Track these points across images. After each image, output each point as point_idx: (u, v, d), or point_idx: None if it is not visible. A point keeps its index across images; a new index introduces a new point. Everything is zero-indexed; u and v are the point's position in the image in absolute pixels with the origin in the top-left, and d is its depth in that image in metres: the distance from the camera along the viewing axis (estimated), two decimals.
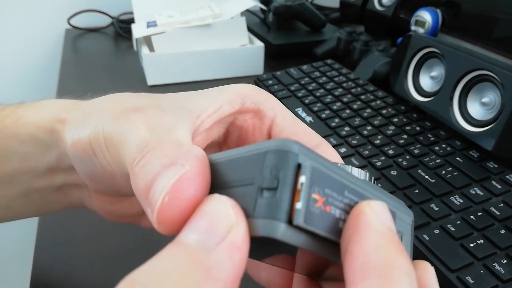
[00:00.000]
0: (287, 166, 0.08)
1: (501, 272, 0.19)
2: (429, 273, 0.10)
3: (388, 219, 0.09)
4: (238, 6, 0.43)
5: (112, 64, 0.48)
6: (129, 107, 0.12)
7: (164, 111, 0.12)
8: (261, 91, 0.14)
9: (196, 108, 0.12)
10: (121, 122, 0.12)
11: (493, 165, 0.26)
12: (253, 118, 0.14)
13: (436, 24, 0.37)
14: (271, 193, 0.08)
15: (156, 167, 0.10)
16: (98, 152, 0.12)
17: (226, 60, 0.43)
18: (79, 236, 0.23)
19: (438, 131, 0.30)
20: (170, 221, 0.09)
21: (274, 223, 0.08)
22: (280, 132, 0.13)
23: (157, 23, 0.42)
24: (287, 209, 0.08)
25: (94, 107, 0.13)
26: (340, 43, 0.46)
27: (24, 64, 0.61)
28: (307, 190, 0.08)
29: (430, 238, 0.22)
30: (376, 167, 0.27)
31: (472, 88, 0.29)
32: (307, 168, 0.08)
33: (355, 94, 0.36)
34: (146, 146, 0.10)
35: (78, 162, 0.13)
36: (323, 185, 0.08)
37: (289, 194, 0.08)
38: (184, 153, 0.10)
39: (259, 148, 0.09)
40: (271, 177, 0.08)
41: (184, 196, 0.09)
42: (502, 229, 0.22)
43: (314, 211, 0.08)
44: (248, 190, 0.08)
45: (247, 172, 0.09)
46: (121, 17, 0.57)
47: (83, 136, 0.13)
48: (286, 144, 0.08)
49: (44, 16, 0.59)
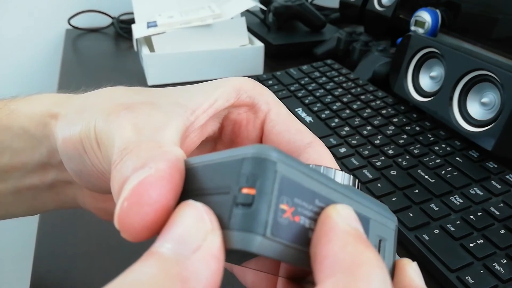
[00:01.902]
0: (264, 175, 0.08)
1: (501, 272, 0.19)
2: (410, 268, 0.10)
3: (354, 220, 0.09)
4: (238, 7, 0.43)
5: (112, 64, 0.48)
6: (121, 104, 0.12)
7: (156, 108, 0.12)
8: (256, 85, 0.14)
9: (191, 104, 0.12)
10: (111, 121, 0.11)
11: (493, 165, 0.26)
12: (248, 112, 0.14)
13: (435, 24, 0.37)
14: (247, 204, 0.08)
15: (129, 169, 0.09)
16: (88, 149, 0.12)
17: (226, 60, 0.43)
18: (79, 236, 0.23)
19: (437, 131, 0.30)
20: (131, 227, 0.09)
21: (249, 236, 0.08)
22: (273, 127, 0.13)
23: (158, 23, 0.42)
24: (264, 221, 0.08)
25: (86, 102, 0.13)
26: (340, 43, 0.46)
27: (24, 64, 0.61)
28: (275, 200, 0.08)
29: (430, 238, 0.22)
30: (376, 167, 0.27)
31: (472, 88, 0.29)
32: (277, 178, 0.08)
33: (355, 94, 0.36)
34: (125, 148, 0.10)
35: (67, 159, 0.13)
36: (292, 195, 0.08)
37: (267, 205, 0.08)
38: (156, 155, 0.09)
39: (237, 154, 0.08)
40: (247, 186, 0.08)
41: (145, 201, 0.09)
42: (502, 229, 0.22)
43: (281, 222, 0.08)
44: (224, 199, 0.08)
45: (223, 180, 0.08)
46: (121, 18, 0.57)
47: (74, 133, 0.12)
48: (264, 152, 0.08)
49: (44, 16, 0.59)
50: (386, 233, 0.10)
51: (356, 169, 0.27)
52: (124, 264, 0.07)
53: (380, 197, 0.25)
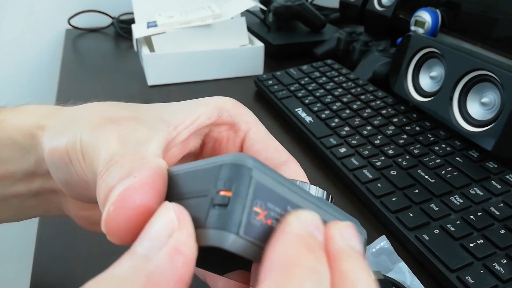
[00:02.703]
0: (240, 179, 0.08)
1: (501, 272, 0.19)
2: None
3: (313, 225, 0.09)
4: (238, 7, 0.43)
5: (112, 64, 0.48)
6: (107, 117, 0.12)
7: (140, 123, 0.12)
8: (237, 105, 0.14)
9: (174, 120, 0.13)
10: (97, 133, 0.12)
11: (493, 165, 0.26)
12: (228, 130, 0.14)
13: (435, 24, 0.37)
14: (223, 204, 0.08)
15: (115, 179, 0.10)
16: (74, 160, 0.12)
17: (226, 60, 0.43)
18: (79, 236, 0.23)
19: (437, 131, 0.30)
20: (118, 231, 0.09)
21: (224, 234, 0.08)
22: (252, 145, 0.14)
23: (157, 23, 0.42)
24: (238, 220, 0.08)
25: (73, 115, 0.14)
26: (340, 43, 0.46)
27: (24, 64, 0.61)
28: (249, 203, 0.08)
29: (430, 238, 0.22)
30: (376, 167, 0.27)
31: (472, 88, 0.29)
32: (252, 182, 0.08)
33: (355, 94, 0.36)
34: (111, 159, 0.11)
35: (54, 169, 0.14)
36: (266, 200, 0.09)
37: (241, 206, 0.08)
38: (140, 164, 0.10)
39: (216, 161, 0.09)
40: (224, 189, 0.08)
41: (129, 205, 0.09)
42: (502, 229, 0.22)
43: (254, 223, 0.08)
44: (202, 201, 0.09)
45: (202, 184, 0.09)
46: (121, 18, 0.57)
47: (60, 144, 0.13)
48: (241, 159, 0.09)
49: (44, 16, 0.59)
50: None
51: (356, 169, 0.27)
52: None
53: (380, 197, 0.25)
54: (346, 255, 0.09)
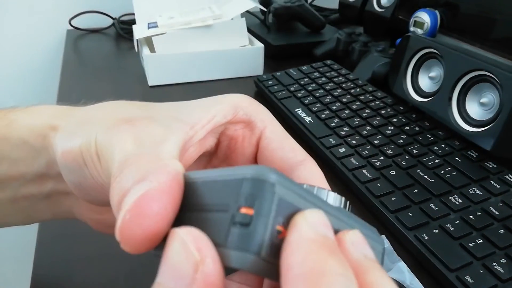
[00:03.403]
0: (263, 197, 0.08)
1: (500, 272, 0.20)
2: None
3: (323, 224, 0.08)
4: (238, 7, 0.44)
5: (113, 65, 0.49)
6: (122, 118, 0.12)
7: (156, 122, 0.12)
8: (253, 102, 0.14)
9: (190, 119, 0.13)
10: (112, 134, 0.11)
11: (492, 165, 0.26)
12: (244, 128, 0.14)
13: (434, 25, 0.37)
14: (245, 223, 0.08)
15: (129, 182, 0.09)
16: (89, 162, 0.12)
17: (226, 61, 0.43)
18: (79, 236, 0.23)
19: (437, 131, 0.30)
20: (133, 240, 0.09)
21: (245, 255, 0.08)
22: (268, 144, 0.14)
23: (158, 24, 0.42)
24: (260, 241, 0.08)
25: (87, 115, 0.13)
26: (340, 44, 0.46)
27: (25, 65, 0.61)
28: (271, 222, 0.08)
29: (429, 237, 0.22)
30: (375, 167, 0.27)
31: (471, 88, 0.29)
32: (275, 198, 0.08)
33: (355, 95, 0.36)
34: (125, 161, 0.10)
35: (67, 171, 0.13)
36: (288, 216, 0.08)
37: (264, 225, 0.08)
38: (157, 168, 0.10)
39: (237, 173, 0.08)
40: (245, 206, 0.08)
41: (146, 213, 0.09)
42: (501, 228, 0.22)
43: (277, 243, 0.08)
44: (222, 216, 0.08)
45: (222, 198, 0.08)
46: (122, 18, 0.58)
47: (74, 146, 0.12)
48: (263, 173, 0.08)
49: (45, 17, 0.59)
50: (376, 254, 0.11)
51: (355, 169, 0.27)
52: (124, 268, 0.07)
53: (380, 197, 0.25)
54: (366, 267, 0.08)
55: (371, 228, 0.11)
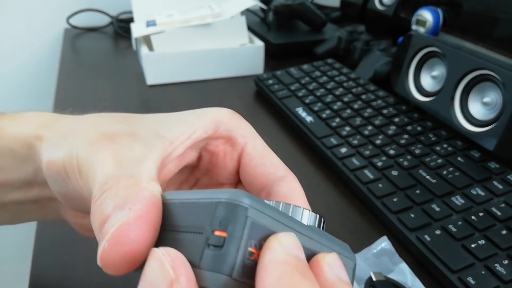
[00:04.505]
0: (235, 220, 0.08)
1: (503, 273, 0.19)
2: None
3: (296, 247, 0.09)
4: (238, 5, 0.43)
5: (111, 64, 0.48)
6: (104, 133, 0.12)
7: (136, 139, 0.12)
8: (235, 117, 0.14)
9: (170, 135, 0.13)
10: (93, 151, 0.12)
11: (495, 165, 0.26)
12: (225, 144, 0.14)
13: (437, 23, 0.37)
14: (218, 246, 0.08)
15: (109, 208, 0.10)
16: (71, 175, 0.12)
17: (226, 59, 0.43)
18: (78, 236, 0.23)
19: (439, 131, 0.30)
20: (112, 266, 0.09)
21: (218, 276, 0.08)
22: (249, 161, 0.14)
23: (157, 22, 0.42)
24: (232, 262, 0.08)
25: (71, 127, 0.14)
26: (341, 42, 0.45)
27: (22, 64, 0.61)
28: (244, 244, 0.08)
29: (432, 238, 0.21)
30: (377, 167, 0.27)
31: (474, 87, 0.29)
32: (247, 222, 0.08)
33: (356, 94, 0.36)
34: (105, 183, 0.11)
35: (52, 181, 0.14)
36: (260, 238, 0.09)
37: (236, 248, 0.08)
38: (134, 194, 0.10)
39: (212, 197, 0.09)
40: (219, 229, 0.08)
41: (124, 241, 0.09)
42: (503, 229, 0.22)
43: (248, 264, 0.08)
44: (197, 238, 0.09)
45: (198, 220, 0.09)
46: (120, 17, 0.57)
47: (57, 158, 0.13)
48: (237, 198, 0.09)
49: (43, 15, 0.59)
50: (347, 272, 0.11)
51: (357, 170, 0.27)
52: None
53: (381, 197, 0.25)
54: None
55: (343, 245, 0.11)
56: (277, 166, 0.14)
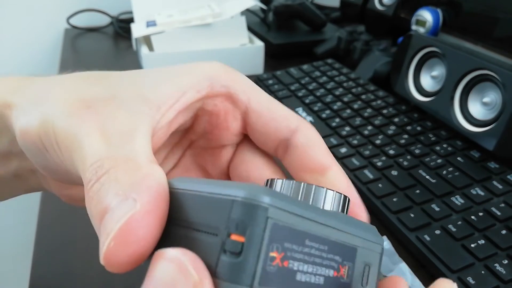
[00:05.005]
0: (255, 223, 0.07)
1: (502, 273, 0.19)
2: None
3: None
4: (238, 6, 0.43)
5: (111, 64, 0.48)
6: (82, 100, 0.11)
7: (119, 106, 0.11)
8: (229, 70, 0.13)
9: (156, 97, 0.11)
10: (73, 122, 0.10)
11: (494, 165, 0.26)
12: (224, 102, 0.12)
13: (436, 23, 0.37)
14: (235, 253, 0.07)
15: (108, 196, 0.09)
16: (49, 148, 0.11)
17: (226, 59, 0.43)
18: (78, 236, 0.23)
19: (439, 131, 0.30)
20: (118, 264, 0.09)
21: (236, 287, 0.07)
22: (258, 119, 0.12)
23: (157, 22, 0.42)
24: (253, 272, 0.07)
25: (43, 92, 0.12)
26: (341, 42, 0.45)
27: (23, 64, 0.61)
28: (264, 250, 0.08)
29: (431, 238, 0.21)
30: (376, 167, 0.27)
31: (473, 87, 0.29)
32: (268, 225, 0.08)
33: (356, 94, 0.36)
34: (100, 166, 0.09)
35: (29, 153, 0.12)
36: (282, 240, 0.08)
37: (256, 255, 0.07)
38: (137, 182, 0.09)
39: (227, 193, 0.08)
40: (236, 233, 0.07)
41: (132, 240, 0.08)
42: (503, 229, 0.22)
43: (270, 270, 0.08)
44: (211, 240, 0.08)
45: (211, 218, 0.08)
46: (120, 17, 0.57)
47: (31, 127, 0.11)
48: (255, 196, 0.08)
49: (43, 16, 0.59)
50: (372, 258, 0.10)
51: (357, 169, 0.27)
52: None
53: (381, 197, 0.25)
54: None
55: (370, 228, 0.11)
56: (288, 118, 0.12)
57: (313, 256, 0.09)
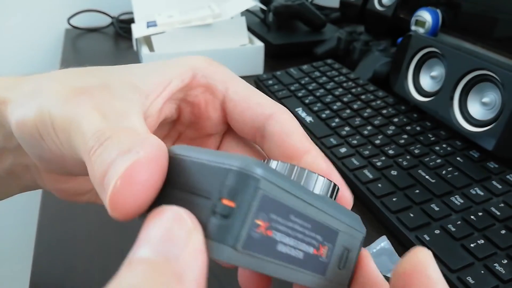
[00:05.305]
0: (245, 191, 0.08)
1: (502, 273, 0.19)
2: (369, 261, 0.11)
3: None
4: (238, 6, 0.43)
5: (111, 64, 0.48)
6: (77, 88, 0.11)
7: (113, 93, 0.11)
8: (212, 63, 0.13)
9: (145, 86, 0.12)
10: (70, 107, 0.11)
11: (494, 165, 0.26)
12: (204, 93, 0.13)
13: (436, 24, 0.37)
14: (224, 215, 0.08)
15: (112, 154, 0.09)
16: (45, 135, 0.12)
17: (226, 60, 0.43)
18: (78, 236, 0.23)
19: (438, 131, 0.30)
20: (123, 206, 0.09)
21: (222, 247, 0.08)
22: (234, 107, 0.13)
23: (157, 23, 0.42)
24: (237, 234, 0.08)
25: (38, 85, 0.12)
26: (340, 43, 0.46)
27: (23, 64, 0.61)
28: (251, 216, 0.08)
29: (431, 238, 0.21)
30: (376, 167, 0.27)
31: (473, 88, 0.29)
32: (258, 194, 0.08)
33: (355, 94, 0.36)
34: (102, 134, 0.10)
35: (25, 143, 0.13)
36: (269, 211, 0.08)
37: (243, 219, 0.08)
38: (140, 140, 0.10)
39: (223, 162, 0.08)
40: (227, 198, 0.08)
41: (137, 180, 0.09)
42: (502, 229, 0.22)
43: (254, 236, 0.08)
44: (203, 203, 0.08)
45: (206, 184, 0.09)
46: (121, 17, 0.57)
47: (28, 118, 0.12)
48: (249, 167, 0.08)
49: (44, 16, 0.59)
50: (352, 244, 0.11)
51: (356, 169, 0.27)
52: None
53: (381, 197, 0.25)
54: None
55: (355, 216, 0.11)
56: (262, 105, 0.13)
57: (296, 231, 0.09)
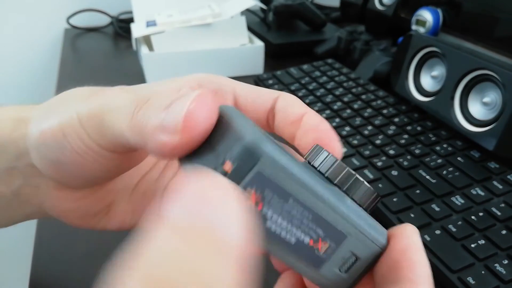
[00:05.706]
0: (244, 162, 0.09)
1: (502, 273, 0.19)
2: None
3: None
4: (238, 6, 0.43)
5: (111, 64, 0.48)
6: (98, 90, 0.13)
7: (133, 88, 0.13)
8: (217, 76, 0.15)
9: (160, 88, 0.13)
10: (98, 98, 0.12)
11: (494, 165, 0.26)
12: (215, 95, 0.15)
13: (437, 23, 0.37)
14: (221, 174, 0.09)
15: (164, 103, 0.10)
16: (70, 134, 0.12)
17: (226, 59, 0.43)
18: (78, 236, 0.23)
19: (439, 131, 0.30)
20: (196, 124, 0.10)
21: None
22: (246, 98, 0.14)
23: (157, 22, 0.42)
24: None
25: (60, 99, 0.14)
26: (341, 42, 0.45)
27: (23, 64, 0.61)
28: (242, 184, 0.09)
29: (431, 238, 0.21)
30: (377, 167, 0.27)
31: (473, 87, 0.29)
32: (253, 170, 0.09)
33: (356, 94, 0.36)
34: (142, 99, 0.11)
35: (45, 150, 0.13)
36: (264, 187, 0.09)
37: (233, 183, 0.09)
38: (189, 91, 0.10)
39: (243, 130, 0.09)
40: (229, 162, 0.09)
41: (209, 104, 0.10)
42: (503, 229, 0.22)
43: None
44: (212, 160, 0.09)
45: (223, 144, 0.09)
46: (120, 17, 0.57)
47: (53, 124, 0.13)
48: (257, 143, 0.09)
49: (43, 16, 0.59)
50: (364, 253, 0.10)
51: (357, 170, 0.27)
52: None
53: (382, 197, 0.25)
54: None
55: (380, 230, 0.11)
56: (270, 92, 0.14)
57: (292, 216, 0.09)
